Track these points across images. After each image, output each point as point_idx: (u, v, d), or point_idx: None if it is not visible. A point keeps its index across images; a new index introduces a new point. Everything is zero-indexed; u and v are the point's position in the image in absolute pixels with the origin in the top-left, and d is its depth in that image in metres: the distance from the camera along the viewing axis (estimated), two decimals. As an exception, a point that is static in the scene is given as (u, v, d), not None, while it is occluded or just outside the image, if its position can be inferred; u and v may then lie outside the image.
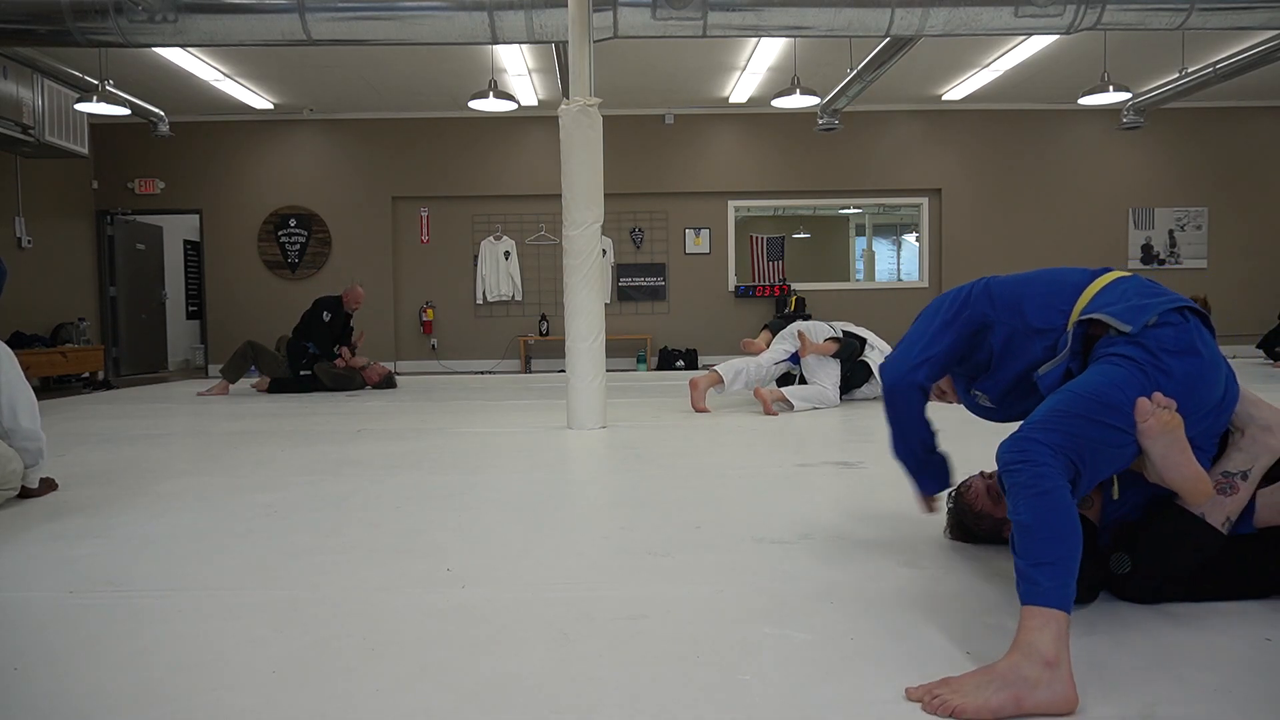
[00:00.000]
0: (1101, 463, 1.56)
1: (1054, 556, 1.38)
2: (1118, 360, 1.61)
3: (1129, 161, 10.44)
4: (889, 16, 5.41)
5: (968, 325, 1.92)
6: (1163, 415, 1.54)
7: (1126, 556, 1.69)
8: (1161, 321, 1.63)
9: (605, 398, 4.72)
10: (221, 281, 10.39)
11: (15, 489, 2.86)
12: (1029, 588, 1.37)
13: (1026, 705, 1.27)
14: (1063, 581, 1.37)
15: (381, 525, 2.53)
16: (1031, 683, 1.28)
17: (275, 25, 5.31)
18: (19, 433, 2.88)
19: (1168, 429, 1.54)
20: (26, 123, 7.52)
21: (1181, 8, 5.42)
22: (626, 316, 10.47)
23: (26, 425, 2.89)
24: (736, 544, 2.25)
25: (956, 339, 1.94)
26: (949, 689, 1.31)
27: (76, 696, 1.40)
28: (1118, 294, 1.73)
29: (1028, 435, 1.51)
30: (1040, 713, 1.27)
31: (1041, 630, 1.32)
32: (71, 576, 2.06)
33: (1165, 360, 1.59)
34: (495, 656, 1.53)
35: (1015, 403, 1.91)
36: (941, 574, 1.96)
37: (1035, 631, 1.33)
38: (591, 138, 4.63)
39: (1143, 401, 1.55)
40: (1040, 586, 1.36)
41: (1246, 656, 1.48)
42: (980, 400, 1.99)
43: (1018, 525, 1.43)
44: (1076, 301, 1.77)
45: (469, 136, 10.29)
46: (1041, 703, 1.27)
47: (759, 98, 9.59)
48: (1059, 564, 1.37)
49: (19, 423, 2.87)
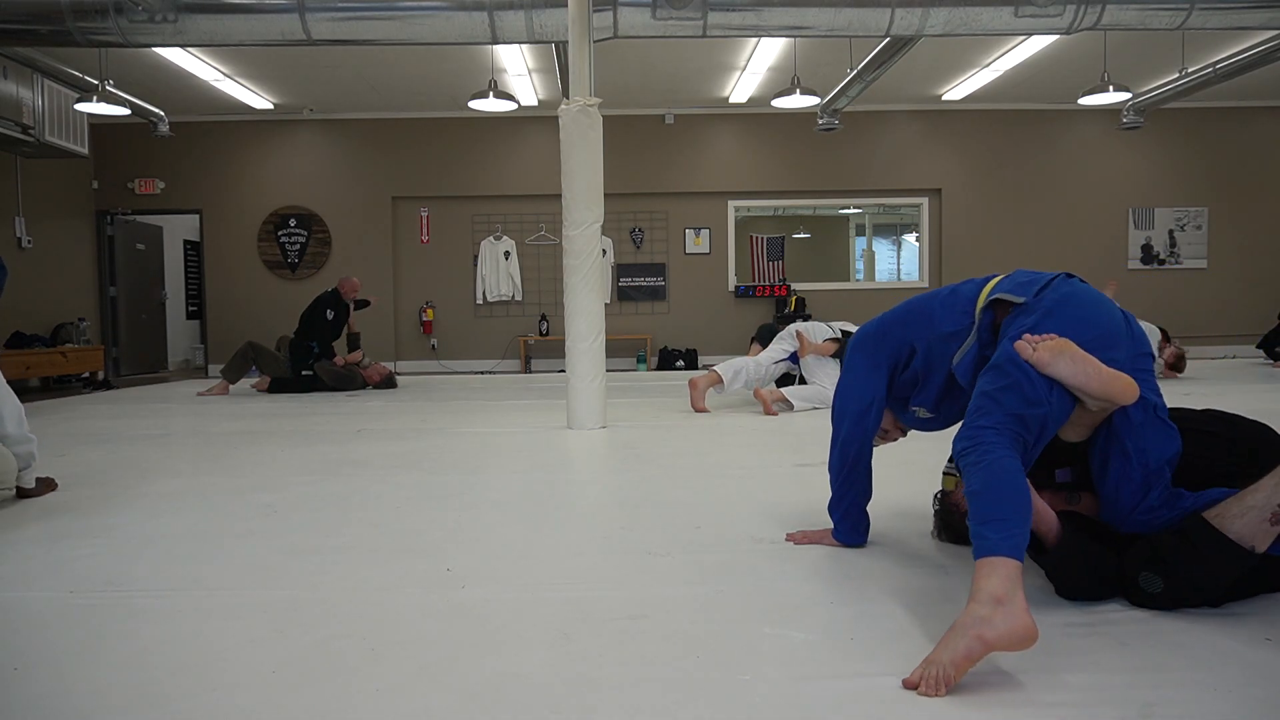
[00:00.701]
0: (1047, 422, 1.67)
1: (1001, 514, 1.49)
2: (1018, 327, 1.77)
3: (1129, 161, 10.43)
4: (889, 16, 5.41)
5: (890, 359, 2.05)
6: (1044, 345, 1.67)
7: (1158, 578, 1.65)
8: (1046, 285, 1.85)
9: (605, 398, 4.72)
10: (221, 281, 10.39)
11: (10, 488, 2.86)
12: (979, 543, 1.47)
13: (990, 639, 1.35)
14: (1009, 533, 1.46)
15: (381, 525, 2.53)
16: (986, 620, 1.36)
17: (275, 25, 5.31)
18: (7, 439, 2.88)
19: (1056, 351, 1.66)
20: (26, 123, 7.52)
21: (1181, 8, 5.42)
22: (626, 316, 10.47)
23: (13, 431, 2.89)
24: (736, 544, 2.25)
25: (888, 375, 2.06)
26: (930, 665, 1.37)
27: (76, 696, 1.40)
28: (1011, 280, 1.92)
29: (972, 423, 1.66)
30: (1003, 645, 1.36)
31: (989, 576, 1.42)
32: (71, 576, 2.06)
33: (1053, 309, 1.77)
34: (495, 656, 1.53)
35: (951, 405, 2.02)
36: (941, 573, 1.96)
37: (985, 579, 1.42)
38: (591, 138, 4.63)
39: (1019, 345, 1.70)
40: (988, 540, 1.46)
41: (1246, 656, 1.48)
42: (919, 414, 2.09)
43: (969, 495, 1.54)
44: (977, 302, 1.93)
45: (469, 136, 10.29)
46: (1000, 633, 1.35)
47: (759, 98, 9.59)
48: (1006, 520, 1.48)
49: (5, 429, 2.87)
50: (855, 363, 2.10)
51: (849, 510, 2.15)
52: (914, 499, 2.62)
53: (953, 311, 1.97)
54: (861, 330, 2.17)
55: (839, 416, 2.10)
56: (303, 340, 7.21)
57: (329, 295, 7.38)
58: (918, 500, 2.62)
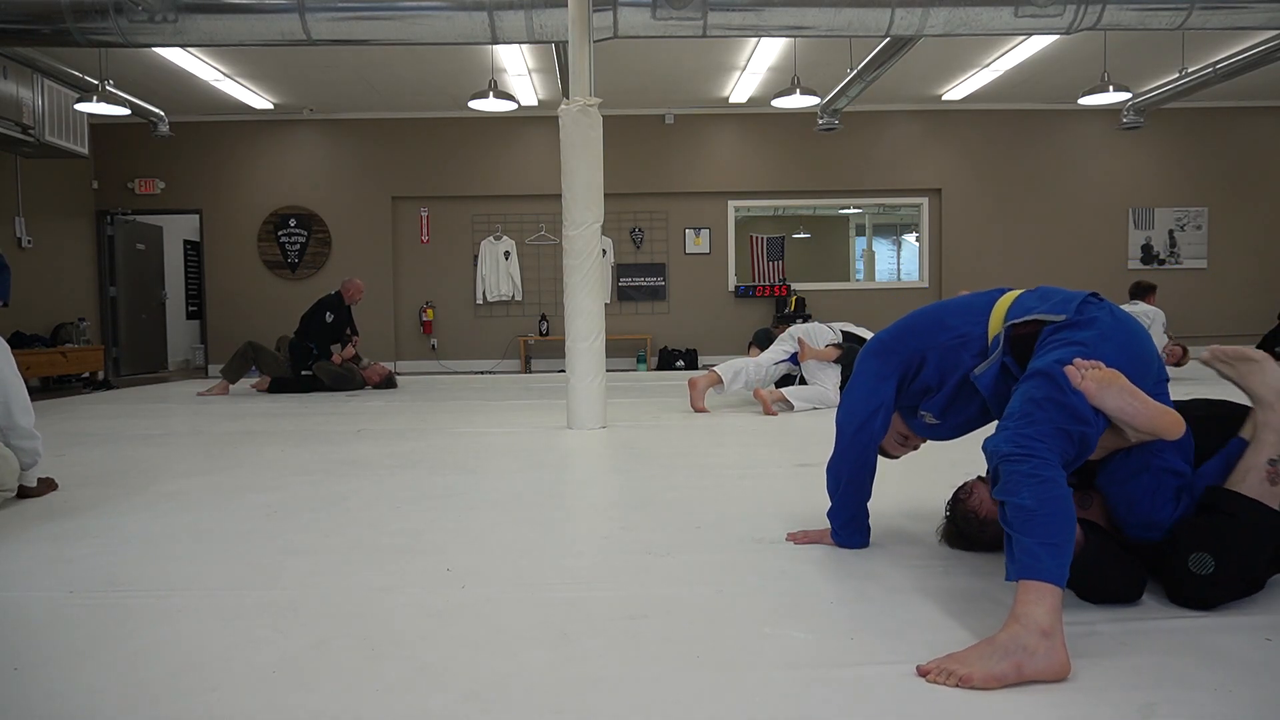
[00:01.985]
0: (1088, 442, 1.64)
1: (1058, 539, 1.47)
2: (1064, 341, 1.74)
3: (1129, 161, 10.43)
4: (889, 16, 5.41)
5: (900, 367, 2.03)
6: (1093, 373, 1.63)
7: (1209, 556, 1.62)
8: (1083, 303, 1.82)
9: (605, 398, 4.72)
10: (221, 281, 10.39)
11: (12, 490, 2.86)
12: (1031, 562, 1.45)
13: (1027, 672, 1.37)
14: (1061, 561, 1.46)
15: (381, 525, 2.53)
16: (1030, 651, 1.38)
17: (275, 25, 5.31)
18: (15, 430, 2.87)
19: (1105, 383, 1.62)
20: (26, 123, 7.52)
21: (1181, 8, 5.42)
22: (626, 316, 10.47)
23: (22, 423, 2.88)
24: (736, 544, 2.25)
25: (897, 383, 2.04)
26: (955, 661, 1.40)
27: (76, 696, 1.40)
28: (1034, 298, 1.90)
29: (1019, 430, 1.60)
30: (1038, 679, 1.37)
31: (1038, 603, 1.41)
32: (71, 576, 2.06)
33: (1100, 335, 1.74)
34: (495, 656, 1.53)
35: (959, 411, 2.01)
36: (941, 574, 1.96)
37: (1032, 604, 1.42)
38: (591, 138, 4.63)
39: (1069, 370, 1.65)
40: (1042, 563, 1.45)
41: (1246, 656, 1.48)
42: (926, 419, 2.07)
43: (1018, 508, 1.50)
44: (990, 314, 1.93)
45: (469, 136, 10.29)
46: (1040, 669, 1.37)
47: (759, 98, 9.59)
48: (1060, 546, 1.46)
49: (14, 420, 2.86)
50: (865, 369, 2.09)
51: (853, 515, 2.14)
52: (915, 499, 2.63)
53: (965, 320, 1.96)
54: (876, 337, 2.15)
55: (845, 422, 2.08)
56: (302, 341, 7.22)
57: (331, 298, 7.38)
58: (918, 501, 2.62)
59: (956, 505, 2.07)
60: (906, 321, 2.10)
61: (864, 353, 2.13)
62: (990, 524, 2.00)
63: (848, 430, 2.07)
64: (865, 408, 2.04)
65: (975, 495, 2.04)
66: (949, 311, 2.03)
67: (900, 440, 2.19)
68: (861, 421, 2.04)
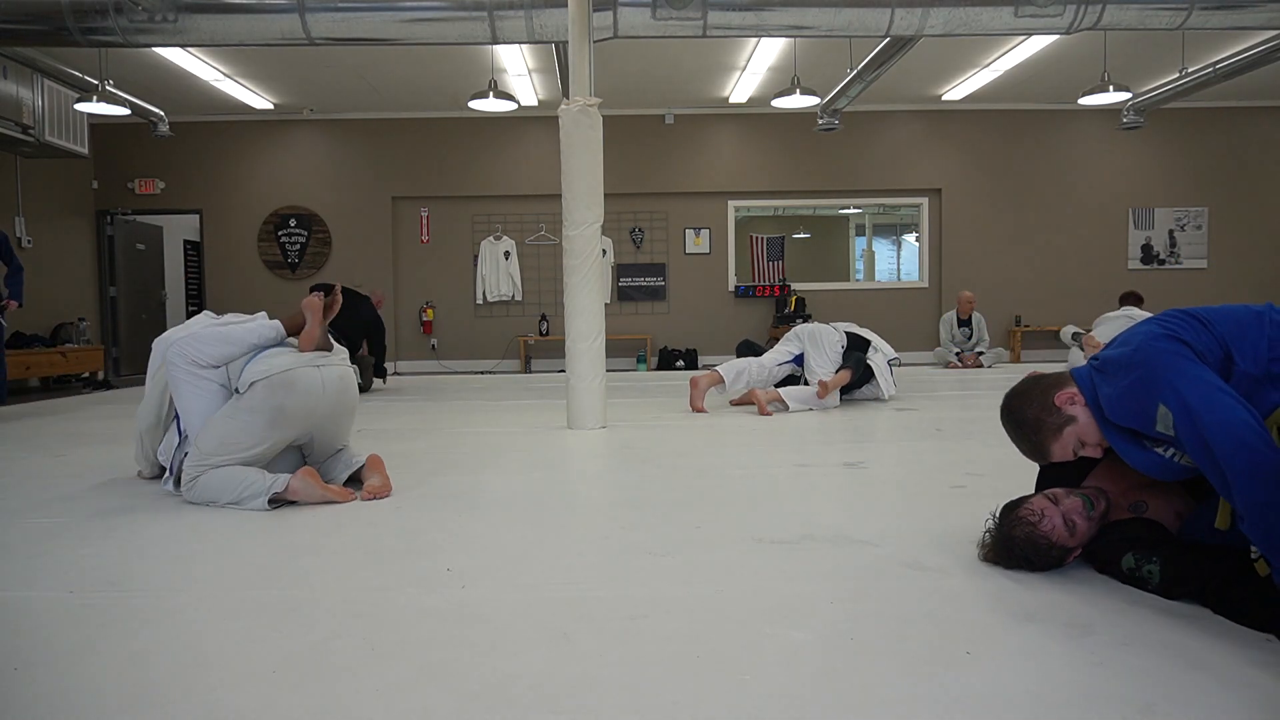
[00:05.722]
0: None
1: None
2: None
3: (1129, 161, 10.43)
4: (889, 16, 5.42)
5: (1203, 354, 1.61)
6: None
7: None
8: None
9: (605, 398, 4.72)
10: (222, 281, 10.39)
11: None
12: None
13: None
14: None
15: (381, 525, 2.53)
16: None
17: (275, 25, 5.31)
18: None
19: None
20: (26, 123, 7.52)
21: (1181, 8, 5.42)
22: (626, 316, 10.47)
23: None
24: (736, 544, 2.25)
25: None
26: None
27: (76, 696, 1.40)
28: None
29: None
30: None
31: None
32: (71, 576, 2.06)
33: None
34: (495, 656, 1.53)
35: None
36: (941, 574, 1.95)
37: None
38: (591, 138, 4.63)
39: None
40: None
41: (1246, 656, 1.48)
42: (1171, 455, 1.65)
43: None
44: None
45: (469, 136, 10.29)
46: None
47: (759, 98, 9.59)
48: None
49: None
50: (1181, 370, 1.58)
51: None
52: (916, 499, 2.63)
53: (1259, 347, 1.61)
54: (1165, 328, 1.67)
55: (1213, 429, 1.51)
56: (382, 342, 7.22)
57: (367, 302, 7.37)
58: (919, 501, 2.62)
59: (1020, 527, 1.85)
60: (1201, 310, 1.71)
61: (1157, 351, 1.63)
62: (1057, 549, 1.83)
63: (1228, 443, 1.49)
64: (1225, 395, 1.53)
65: (1047, 520, 1.83)
66: (1252, 319, 1.66)
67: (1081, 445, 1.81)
68: (1230, 404, 1.52)
